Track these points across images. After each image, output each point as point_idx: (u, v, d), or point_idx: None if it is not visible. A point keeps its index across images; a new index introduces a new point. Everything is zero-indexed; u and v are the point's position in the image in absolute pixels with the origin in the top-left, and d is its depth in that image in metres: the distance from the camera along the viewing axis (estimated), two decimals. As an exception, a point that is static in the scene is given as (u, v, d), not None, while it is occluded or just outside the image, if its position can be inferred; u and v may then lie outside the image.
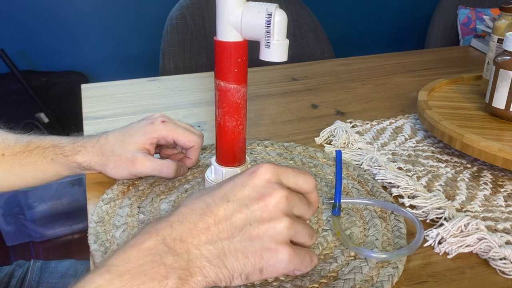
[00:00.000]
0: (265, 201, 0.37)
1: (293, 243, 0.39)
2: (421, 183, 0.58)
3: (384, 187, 0.58)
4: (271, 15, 0.44)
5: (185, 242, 0.36)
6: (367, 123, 0.75)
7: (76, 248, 1.65)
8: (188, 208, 0.38)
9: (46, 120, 1.67)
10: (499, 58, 0.64)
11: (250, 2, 0.46)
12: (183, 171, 0.59)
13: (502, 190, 0.58)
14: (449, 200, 0.54)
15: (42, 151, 0.58)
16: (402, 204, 0.54)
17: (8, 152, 0.58)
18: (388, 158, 0.64)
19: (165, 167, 0.56)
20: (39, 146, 0.58)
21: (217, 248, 0.36)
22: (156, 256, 0.35)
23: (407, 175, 0.59)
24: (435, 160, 0.64)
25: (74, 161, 0.57)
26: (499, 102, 0.65)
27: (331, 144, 0.69)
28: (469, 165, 0.63)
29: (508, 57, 0.63)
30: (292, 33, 1.33)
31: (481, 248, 0.47)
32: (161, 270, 0.34)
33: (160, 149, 0.62)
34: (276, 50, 0.45)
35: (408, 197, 0.55)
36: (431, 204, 0.53)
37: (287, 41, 0.45)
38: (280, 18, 0.44)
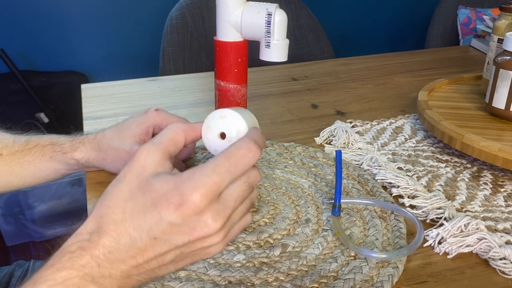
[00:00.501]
0: (197, 237, 0.35)
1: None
2: (421, 183, 0.58)
3: (384, 187, 0.58)
4: (271, 15, 0.44)
5: (115, 278, 0.34)
6: (367, 123, 0.75)
7: (76, 248, 1.64)
8: (113, 240, 0.34)
9: (46, 120, 1.67)
10: (499, 58, 0.64)
11: (250, 2, 0.46)
12: (181, 167, 0.59)
13: (502, 190, 0.58)
14: (449, 200, 0.54)
15: (40, 149, 0.58)
16: (402, 204, 0.54)
17: (6, 151, 0.58)
18: (388, 158, 0.64)
19: None
20: (38, 145, 0.58)
21: (148, 273, 0.36)
22: None
23: (407, 175, 0.59)
24: (435, 160, 0.64)
25: (73, 157, 0.57)
26: (499, 102, 0.65)
27: (331, 144, 0.69)
28: (469, 165, 0.63)
29: (508, 57, 0.63)
30: (292, 33, 1.33)
31: (481, 248, 0.47)
32: None
33: None
34: (276, 50, 0.45)
35: (408, 197, 0.55)
36: (431, 204, 0.53)
37: (287, 41, 0.46)
38: (280, 18, 0.44)
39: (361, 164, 0.63)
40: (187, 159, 0.61)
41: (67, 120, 1.76)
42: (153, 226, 0.34)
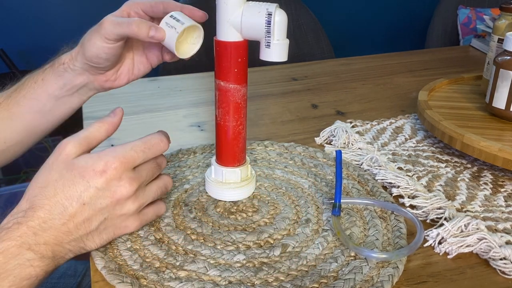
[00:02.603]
0: (117, 199, 0.42)
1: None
2: (421, 183, 0.58)
3: (384, 187, 0.58)
4: (271, 15, 0.44)
5: (49, 245, 0.40)
6: (367, 123, 0.75)
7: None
8: (47, 212, 0.40)
9: (46, 120, 1.67)
10: (499, 58, 0.64)
11: (250, 2, 0.46)
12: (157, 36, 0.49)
13: (502, 190, 0.58)
14: (449, 200, 0.54)
15: (33, 78, 0.55)
16: (402, 204, 0.54)
17: (3, 98, 0.56)
18: (388, 158, 0.64)
19: (134, 23, 0.49)
20: (31, 77, 0.55)
21: (77, 241, 0.42)
22: (24, 260, 0.38)
23: (407, 175, 0.59)
24: (435, 160, 0.64)
25: (62, 63, 0.54)
26: (499, 102, 0.65)
27: (331, 144, 0.69)
28: (469, 165, 0.63)
29: (508, 57, 0.63)
30: (292, 33, 1.33)
31: (481, 248, 0.47)
32: (31, 271, 0.38)
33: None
34: (276, 50, 0.45)
35: (408, 197, 0.55)
36: (431, 204, 0.53)
37: (287, 41, 0.45)
38: (280, 18, 0.44)
39: (361, 164, 0.63)
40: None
41: (67, 119, 1.76)
42: (82, 193, 0.41)
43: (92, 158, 0.42)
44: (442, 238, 0.48)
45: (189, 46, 0.51)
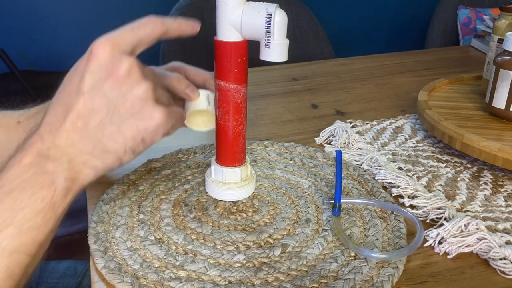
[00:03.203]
0: (116, 76, 0.38)
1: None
2: (421, 183, 0.58)
3: (384, 187, 0.58)
4: (271, 15, 0.44)
5: (59, 147, 0.38)
6: (367, 123, 0.75)
7: (76, 248, 1.64)
8: (52, 115, 0.39)
9: (46, 120, 1.67)
10: (499, 58, 0.64)
11: (250, 2, 0.46)
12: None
13: (502, 190, 0.58)
14: (449, 200, 0.54)
15: None
16: (402, 204, 0.54)
17: (24, 117, 0.55)
18: (388, 158, 0.64)
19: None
20: None
21: (92, 139, 0.38)
22: (38, 168, 0.37)
23: (407, 175, 0.59)
24: (435, 160, 0.64)
25: None
26: (499, 102, 0.65)
27: (331, 144, 0.69)
28: (469, 165, 0.63)
29: (508, 57, 0.63)
30: (292, 33, 1.33)
31: (481, 248, 0.47)
32: (47, 178, 0.37)
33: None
34: (276, 50, 0.45)
35: (408, 197, 0.55)
36: (431, 204, 0.53)
37: (287, 41, 0.46)
38: (280, 18, 0.44)
39: (361, 164, 0.63)
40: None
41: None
42: (79, 84, 0.38)
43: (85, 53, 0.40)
44: (442, 238, 0.48)
45: (193, 124, 0.52)
